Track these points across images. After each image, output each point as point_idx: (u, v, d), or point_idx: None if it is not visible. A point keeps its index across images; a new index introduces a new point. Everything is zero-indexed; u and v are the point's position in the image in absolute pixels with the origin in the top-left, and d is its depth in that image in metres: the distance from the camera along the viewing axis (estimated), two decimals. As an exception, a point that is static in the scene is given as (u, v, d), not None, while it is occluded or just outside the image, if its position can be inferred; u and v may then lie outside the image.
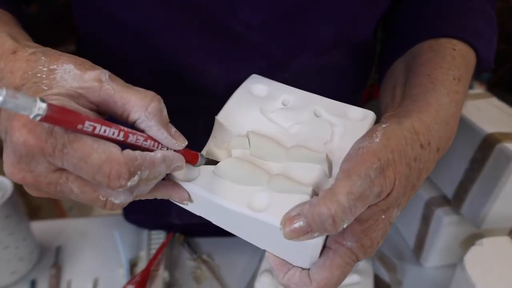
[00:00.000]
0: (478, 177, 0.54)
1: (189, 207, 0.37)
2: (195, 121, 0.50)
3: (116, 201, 0.30)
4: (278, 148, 0.37)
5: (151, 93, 0.31)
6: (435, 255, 0.63)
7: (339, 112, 0.40)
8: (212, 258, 0.67)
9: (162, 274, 0.60)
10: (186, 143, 0.32)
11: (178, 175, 0.35)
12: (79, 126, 0.26)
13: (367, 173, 0.30)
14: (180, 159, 0.32)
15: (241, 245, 0.36)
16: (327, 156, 0.36)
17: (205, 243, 0.69)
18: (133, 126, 0.31)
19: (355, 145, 0.32)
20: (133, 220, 0.72)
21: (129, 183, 0.27)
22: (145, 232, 0.68)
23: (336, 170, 0.36)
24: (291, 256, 0.35)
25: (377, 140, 0.32)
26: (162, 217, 0.66)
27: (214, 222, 0.37)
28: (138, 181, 0.28)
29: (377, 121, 0.42)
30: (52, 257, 0.67)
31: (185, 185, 0.35)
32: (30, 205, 1.61)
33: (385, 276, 0.61)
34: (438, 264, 0.64)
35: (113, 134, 0.28)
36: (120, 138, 0.28)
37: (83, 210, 1.92)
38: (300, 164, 0.36)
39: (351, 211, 0.29)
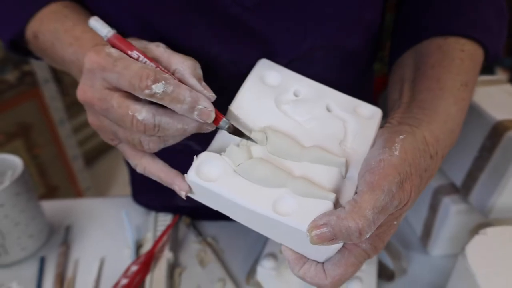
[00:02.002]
0: (487, 166, 0.52)
1: (208, 203, 0.37)
2: None
3: (139, 117, 0.34)
4: (296, 147, 0.38)
5: (190, 57, 0.37)
6: (442, 244, 0.62)
7: (349, 108, 0.42)
8: (216, 241, 0.67)
9: (167, 255, 0.61)
10: (214, 96, 0.36)
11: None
12: (129, 52, 0.35)
13: (390, 188, 0.32)
14: (206, 101, 0.35)
15: (246, 229, 0.37)
16: (346, 161, 0.37)
17: (210, 226, 0.70)
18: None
19: (375, 156, 0.35)
20: (141, 201, 0.73)
21: (154, 86, 0.32)
22: (152, 214, 0.69)
23: (351, 171, 0.38)
24: (308, 252, 0.37)
25: (397, 153, 0.34)
26: (169, 198, 0.67)
27: (231, 217, 0.38)
28: (163, 95, 0.33)
29: (385, 111, 0.43)
30: (61, 236, 0.68)
31: (208, 185, 0.35)
32: (48, 185, 1.65)
33: (389, 263, 0.60)
34: (445, 253, 0.63)
35: (151, 66, 0.35)
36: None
37: (99, 190, 1.97)
38: (319, 166, 0.37)
39: (374, 224, 0.32)
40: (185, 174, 0.36)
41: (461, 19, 0.46)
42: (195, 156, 0.36)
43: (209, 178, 0.36)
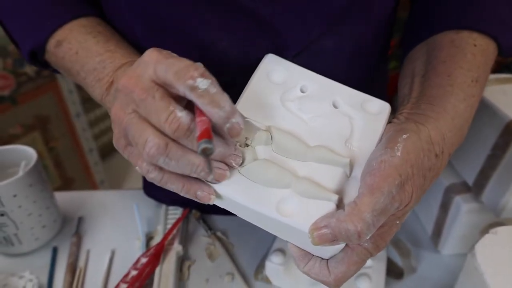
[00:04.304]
0: (500, 164, 0.51)
1: (215, 202, 0.38)
2: None
3: (179, 113, 0.32)
4: (301, 147, 0.38)
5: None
6: (453, 243, 0.61)
7: (357, 104, 0.42)
8: (226, 236, 0.67)
9: (176, 248, 0.61)
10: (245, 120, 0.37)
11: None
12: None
13: (390, 190, 0.32)
14: (240, 117, 0.33)
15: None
16: (350, 161, 0.37)
17: (220, 221, 0.70)
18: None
19: (377, 157, 0.35)
20: (152, 195, 0.73)
21: (199, 80, 0.31)
22: (162, 207, 0.70)
23: (356, 170, 0.38)
24: (313, 250, 0.37)
25: (398, 154, 0.34)
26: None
27: (238, 215, 0.38)
28: (204, 92, 0.32)
29: (394, 108, 0.42)
30: (73, 227, 0.69)
31: (213, 186, 0.36)
32: (64, 177, 1.68)
33: (399, 261, 0.60)
34: (456, 252, 0.63)
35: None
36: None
37: (113, 183, 2.00)
38: (323, 166, 0.38)
39: (374, 226, 0.32)
40: None
41: (475, 13, 0.46)
42: None
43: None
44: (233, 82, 0.48)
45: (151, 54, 0.33)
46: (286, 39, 0.46)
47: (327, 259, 0.37)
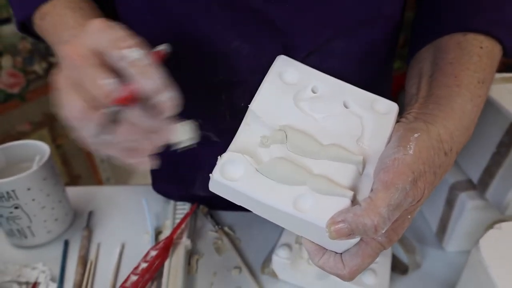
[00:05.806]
0: (505, 161, 0.52)
1: (232, 199, 0.39)
2: (218, 94, 0.51)
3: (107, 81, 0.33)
4: (315, 146, 0.39)
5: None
6: (458, 240, 0.62)
7: (367, 104, 0.43)
8: (233, 231, 0.69)
9: (185, 242, 0.63)
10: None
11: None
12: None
13: (404, 186, 0.34)
14: (172, 92, 0.34)
15: (262, 220, 0.39)
16: (363, 159, 0.39)
17: (227, 216, 0.72)
18: None
19: (390, 154, 0.36)
20: (160, 190, 0.75)
21: (129, 50, 0.32)
22: (171, 203, 0.71)
23: (367, 168, 0.39)
24: (328, 244, 0.39)
25: (411, 152, 0.36)
26: (188, 188, 0.69)
27: (254, 212, 0.39)
28: (133, 63, 0.33)
29: (401, 108, 0.43)
30: (84, 221, 0.71)
31: (231, 184, 0.37)
32: (71, 174, 1.69)
33: (404, 257, 0.61)
34: (460, 249, 0.63)
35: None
36: None
37: (118, 181, 2.01)
38: (336, 164, 0.39)
39: (389, 220, 0.33)
40: (210, 174, 0.38)
41: (481, 15, 0.47)
42: (219, 157, 0.38)
43: (233, 177, 0.37)
44: (245, 81, 0.49)
45: (94, 24, 0.34)
46: (297, 42, 0.47)
47: (341, 253, 0.38)
